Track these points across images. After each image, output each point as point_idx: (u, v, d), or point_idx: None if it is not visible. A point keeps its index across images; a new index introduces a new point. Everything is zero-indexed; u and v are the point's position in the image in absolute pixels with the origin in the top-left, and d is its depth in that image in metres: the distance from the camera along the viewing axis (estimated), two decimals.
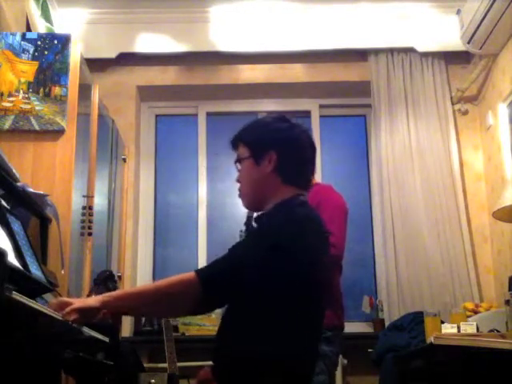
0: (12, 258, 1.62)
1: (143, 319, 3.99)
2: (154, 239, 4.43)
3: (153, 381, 3.24)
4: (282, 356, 1.70)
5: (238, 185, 1.93)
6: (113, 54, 4.27)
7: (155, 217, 4.47)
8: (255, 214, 1.96)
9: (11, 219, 1.82)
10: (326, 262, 1.87)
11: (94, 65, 3.81)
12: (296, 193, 1.85)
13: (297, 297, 1.74)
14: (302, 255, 1.73)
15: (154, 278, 4.35)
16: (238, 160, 1.91)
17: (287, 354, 1.72)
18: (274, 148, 1.85)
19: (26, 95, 2.89)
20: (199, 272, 1.73)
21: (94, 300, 1.75)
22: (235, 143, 1.95)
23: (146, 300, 1.77)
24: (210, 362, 1.81)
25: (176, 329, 3.89)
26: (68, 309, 1.65)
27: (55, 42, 2.96)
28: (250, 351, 1.71)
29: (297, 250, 1.73)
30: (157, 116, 4.65)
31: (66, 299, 1.74)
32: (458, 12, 4.04)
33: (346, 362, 3.73)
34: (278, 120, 1.93)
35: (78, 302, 1.72)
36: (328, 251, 1.91)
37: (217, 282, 1.72)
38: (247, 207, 1.93)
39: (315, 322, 1.82)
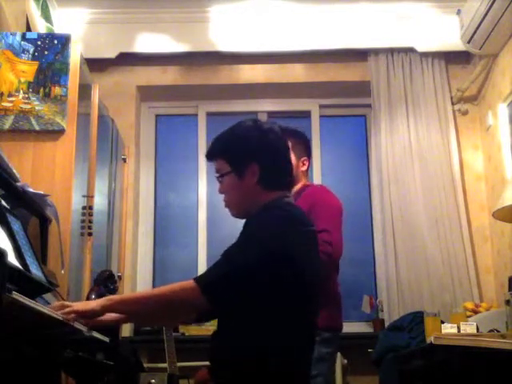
0: (12, 258, 1.62)
1: None
2: (154, 239, 4.43)
3: (153, 381, 3.24)
4: (277, 354, 1.72)
5: (222, 196, 1.96)
6: (113, 54, 4.27)
7: (155, 217, 4.47)
8: None
9: (11, 219, 1.82)
10: (315, 257, 1.89)
11: (94, 65, 3.81)
12: (279, 195, 1.89)
13: (290, 296, 1.76)
14: (288, 255, 1.75)
15: (154, 277, 4.35)
16: (220, 175, 1.93)
17: (282, 353, 1.73)
18: (255, 160, 1.88)
19: (26, 95, 2.89)
20: (198, 280, 1.73)
21: (95, 303, 1.77)
22: (212, 157, 1.97)
23: (147, 305, 1.78)
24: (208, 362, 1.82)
25: (176, 329, 3.89)
26: (68, 309, 1.67)
27: (55, 41, 2.96)
28: (246, 350, 1.73)
29: (284, 251, 1.75)
30: (157, 116, 4.65)
31: (68, 302, 1.76)
32: (458, 12, 4.04)
33: (345, 361, 3.74)
34: (252, 129, 1.94)
35: (79, 304, 1.74)
36: (316, 246, 1.93)
37: (218, 289, 1.72)
38: (236, 216, 1.96)
39: (310, 319, 1.85)
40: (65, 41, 2.97)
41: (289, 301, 1.76)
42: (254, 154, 1.89)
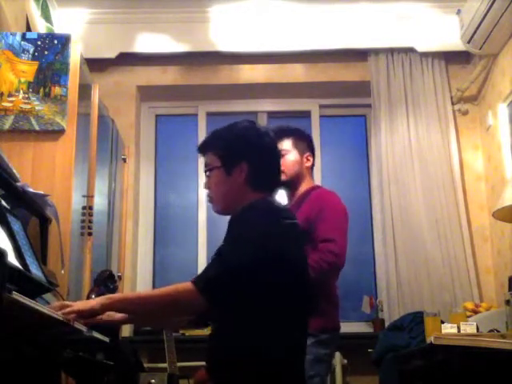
0: (12, 258, 1.62)
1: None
2: (154, 239, 4.43)
3: (153, 381, 3.24)
4: (273, 354, 1.73)
5: (207, 191, 1.98)
6: (113, 54, 4.27)
7: (155, 217, 4.47)
8: None
9: (11, 219, 1.82)
10: (303, 253, 1.91)
11: (94, 65, 3.81)
12: (263, 196, 1.90)
13: (282, 294, 1.77)
14: (278, 253, 1.76)
15: (154, 278, 4.35)
16: (209, 169, 1.95)
17: (279, 353, 1.74)
18: (245, 159, 1.90)
19: (26, 95, 2.89)
20: (196, 281, 1.73)
21: (94, 302, 1.78)
22: (204, 150, 1.98)
23: (146, 305, 1.79)
24: None
25: (176, 329, 3.88)
26: (68, 309, 1.67)
27: (55, 41, 2.96)
28: (243, 350, 1.74)
29: (274, 249, 1.76)
30: (157, 116, 4.65)
31: (67, 302, 1.76)
32: (458, 12, 4.04)
33: (345, 361, 3.74)
34: (248, 129, 1.96)
35: (79, 304, 1.75)
36: (302, 246, 1.94)
37: (215, 289, 1.73)
38: (218, 213, 1.99)
39: (304, 318, 1.86)
40: (65, 41, 2.97)
41: (282, 300, 1.76)
42: (246, 154, 1.91)
